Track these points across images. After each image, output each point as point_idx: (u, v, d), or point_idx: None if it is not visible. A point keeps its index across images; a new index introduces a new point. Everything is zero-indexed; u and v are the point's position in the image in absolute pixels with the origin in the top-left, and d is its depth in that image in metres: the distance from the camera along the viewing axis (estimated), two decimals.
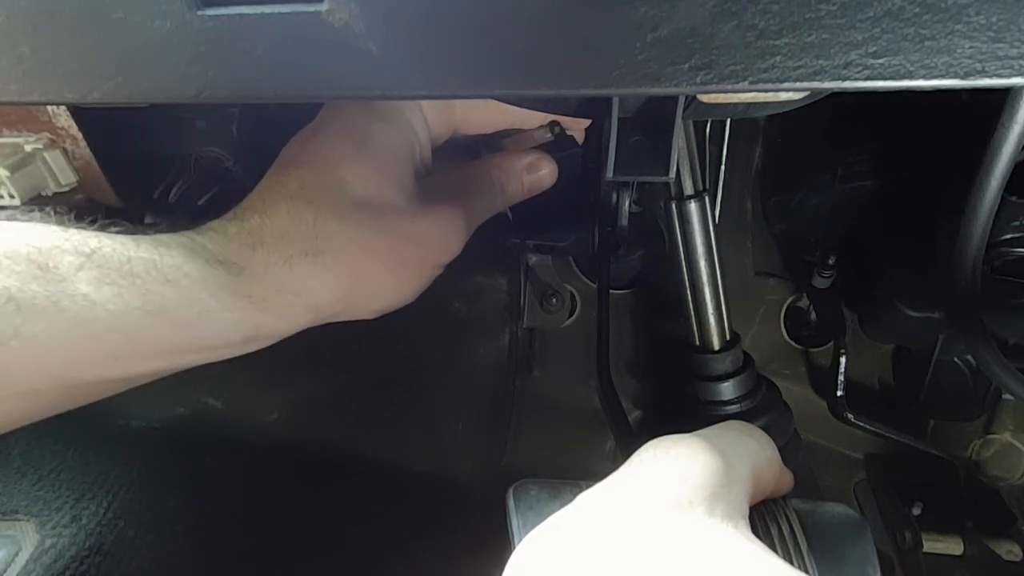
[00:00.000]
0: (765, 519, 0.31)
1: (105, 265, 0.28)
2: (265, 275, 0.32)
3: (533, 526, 0.27)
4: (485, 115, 0.39)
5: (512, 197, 0.40)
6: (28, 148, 0.36)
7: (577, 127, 0.42)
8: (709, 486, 0.27)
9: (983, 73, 0.20)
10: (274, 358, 0.59)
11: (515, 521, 0.31)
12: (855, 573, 0.29)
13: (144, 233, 0.31)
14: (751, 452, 0.31)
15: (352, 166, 0.34)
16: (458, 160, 0.40)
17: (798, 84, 0.20)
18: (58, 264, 0.27)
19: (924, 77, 0.20)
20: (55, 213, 0.31)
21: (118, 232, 0.30)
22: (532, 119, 0.40)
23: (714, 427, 0.33)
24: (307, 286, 0.32)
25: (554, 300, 0.57)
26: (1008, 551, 0.54)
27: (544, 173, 0.41)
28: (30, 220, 0.30)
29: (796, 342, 0.60)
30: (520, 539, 0.27)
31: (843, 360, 0.54)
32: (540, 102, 0.35)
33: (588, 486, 0.29)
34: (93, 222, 0.30)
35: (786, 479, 0.34)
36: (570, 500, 0.28)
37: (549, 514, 0.27)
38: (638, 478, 0.28)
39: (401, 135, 0.36)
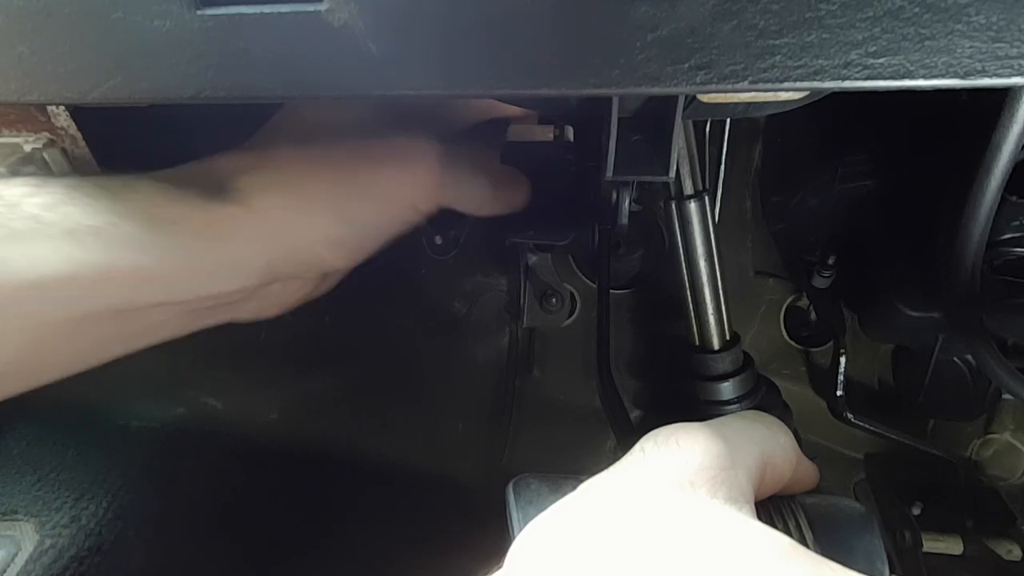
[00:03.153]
0: (771, 513, 0.30)
1: (51, 192, 0.29)
2: (208, 184, 0.32)
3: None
4: None
5: (490, 196, 0.41)
6: (27, 148, 0.36)
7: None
8: (711, 468, 0.27)
9: (983, 73, 0.20)
10: (274, 358, 0.59)
11: (515, 515, 0.31)
12: (862, 567, 0.29)
13: None
14: (760, 438, 0.30)
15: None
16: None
17: (798, 84, 0.20)
18: (9, 194, 0.29)
19: (924, 77, 0.20)
20: None
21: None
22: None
23: (726, 416, 0.33)
24: (250, 194, 0.33)
25: (554, 300, 0.57)
26: (1008, 551, 0.54)
27: (518, 199, 0.42)
28: None
29: (796, 342, 0.60)
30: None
31: (843, 360, 0.54)
32: (540, 102, 0.35)
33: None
34: None
35: (806, 469, 0.33)
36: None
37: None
38: (639, 465, 0.28)
39: None
